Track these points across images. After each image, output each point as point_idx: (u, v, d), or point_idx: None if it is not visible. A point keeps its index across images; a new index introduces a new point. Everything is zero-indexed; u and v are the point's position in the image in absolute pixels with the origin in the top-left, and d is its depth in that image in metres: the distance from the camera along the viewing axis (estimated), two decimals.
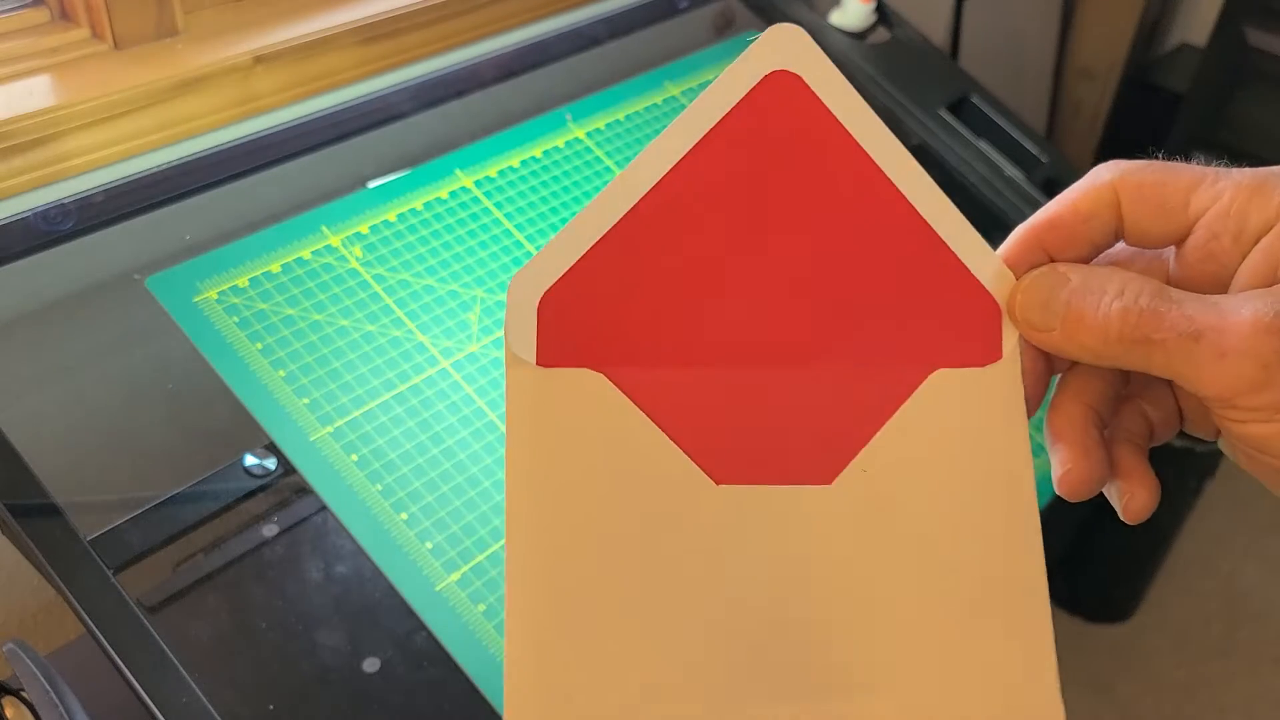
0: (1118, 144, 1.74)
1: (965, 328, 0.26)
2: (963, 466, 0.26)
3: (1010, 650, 0.26)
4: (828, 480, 0.26)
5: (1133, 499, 0.27)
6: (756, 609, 0.25)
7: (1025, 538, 0.26)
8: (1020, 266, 0.27)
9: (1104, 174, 0.26)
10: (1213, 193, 0.25)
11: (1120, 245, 0.27)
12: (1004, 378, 0.26)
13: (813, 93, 0.25)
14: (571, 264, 0.27)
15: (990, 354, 0.26)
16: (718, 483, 0.25)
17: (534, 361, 0.26)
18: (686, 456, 0.25)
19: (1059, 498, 0.28)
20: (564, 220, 0.70)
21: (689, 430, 0.26)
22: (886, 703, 0.25)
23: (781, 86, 0.25)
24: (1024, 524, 0.27)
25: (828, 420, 0.26)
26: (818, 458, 0.26)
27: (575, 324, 0.26)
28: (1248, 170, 0.25)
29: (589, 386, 0.26)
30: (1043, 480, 0.76)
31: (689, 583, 0.25)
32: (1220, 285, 0.25)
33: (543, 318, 0.26)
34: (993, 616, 0.26)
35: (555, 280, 0.27)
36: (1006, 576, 0.26)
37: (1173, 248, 0.26)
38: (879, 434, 0.26)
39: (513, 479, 0.25)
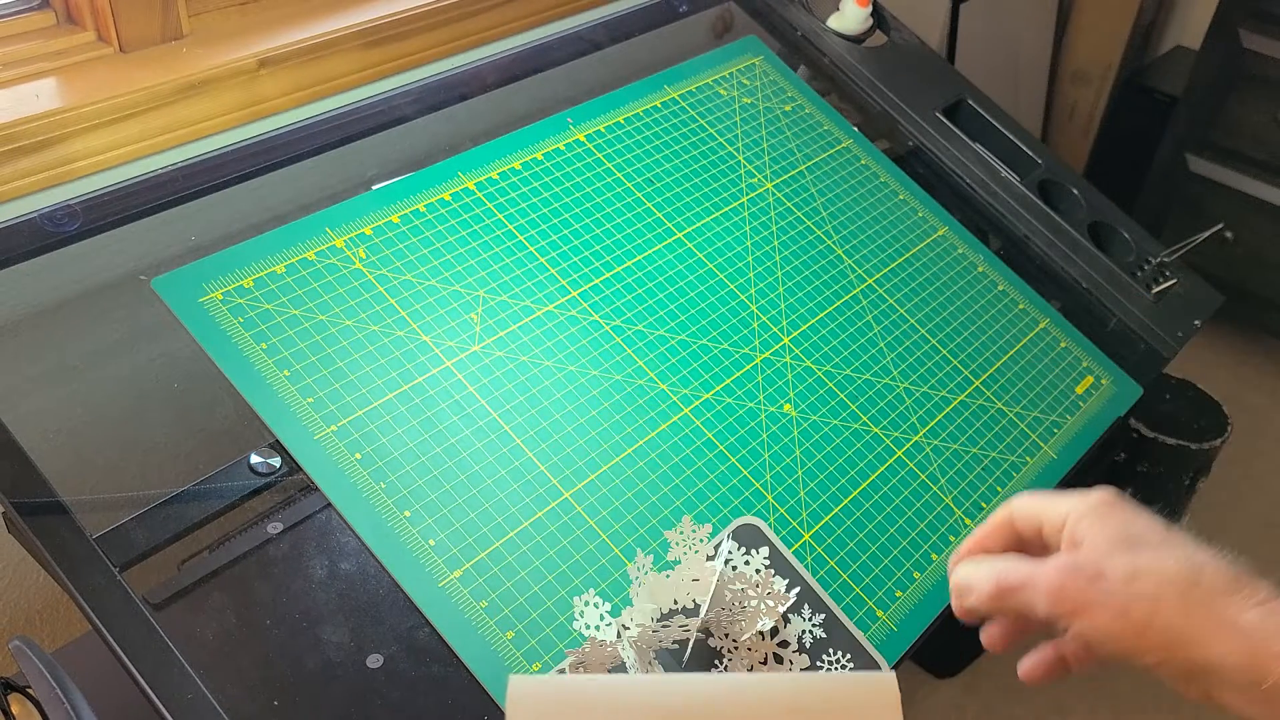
0: (1112, 146, 1.75)
1: None
2: None
3: None
4: None
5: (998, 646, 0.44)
6: None
7: None
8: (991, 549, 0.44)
9: (1000, 513, 0.44)
10: (1052, 506, 0.42)
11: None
12: None
13: None
14: None
15: None
16: None
17: None
18: None
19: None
20: (564, 221, 0.70)
21: None
22: None
23: None
24: None
25: None
26: None
27: None
28: (1076, 493, 0.41)
29: None
30: (1036, 483, 0.75)
31: None
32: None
33: None
34: None
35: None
36: None
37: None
38: None
39: None
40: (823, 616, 0.55)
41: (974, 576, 0.41)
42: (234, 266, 0.59)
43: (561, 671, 0.50)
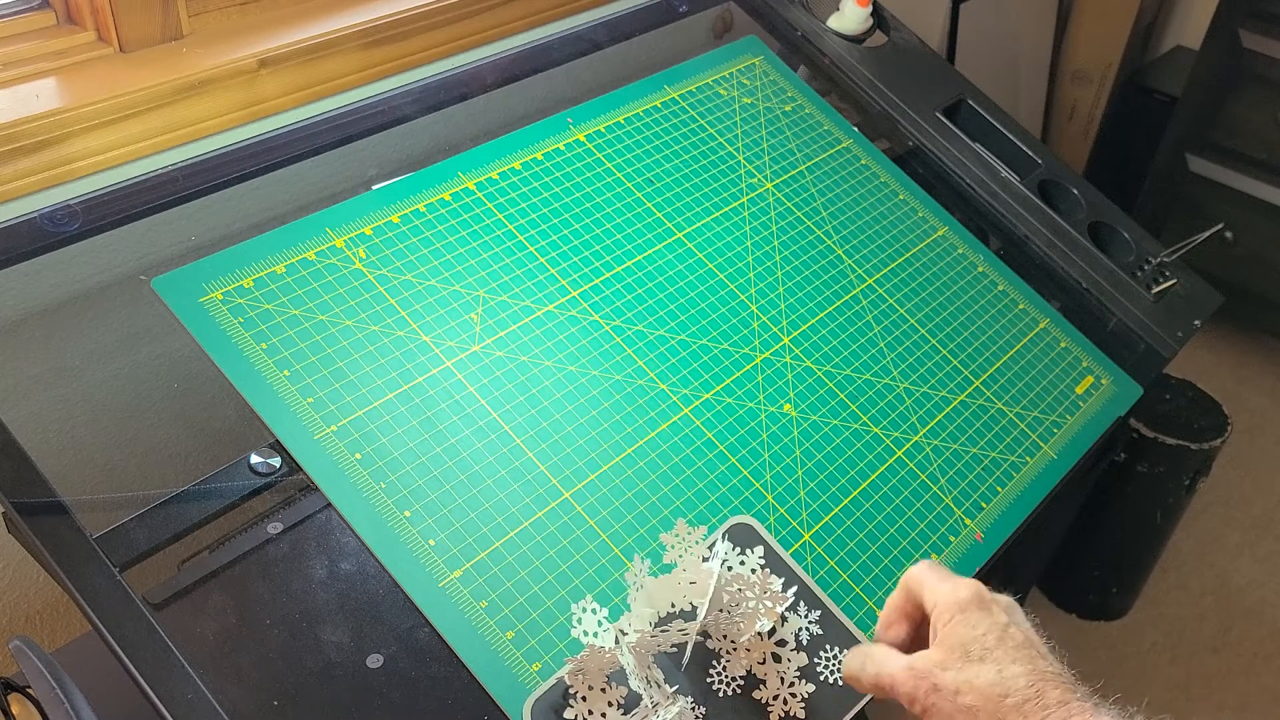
0: (1112, 146, 1.75)
1: None
2: None
3: None
4: None
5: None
6: None
7: None
8: (888, 637, 0.50)
9: (904, 578, 0.49)
10: (928, 592, 0.48)
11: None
12: None
13: None
14: None
15: None
16: None
17: None
18: None
19: (1056, 498, 0.32)
20: (564, 221, 0.70)
21: None
22: None
23: None
24: None
25: None
26: None
27: None
28: (946, 580, 0.48)
29: None
30: (1036, 483, 0.75)
31: None
32: None
33: None
34: None
35: None
36: None
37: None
38: None
39: None
40: (819, 613, 0.55)
41: (856, 671, 0.48)
42: (234, 266, 0.59)
43: (560, 680, 0.50)
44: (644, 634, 0.50)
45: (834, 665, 0.53)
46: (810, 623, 0.54)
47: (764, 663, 0.53)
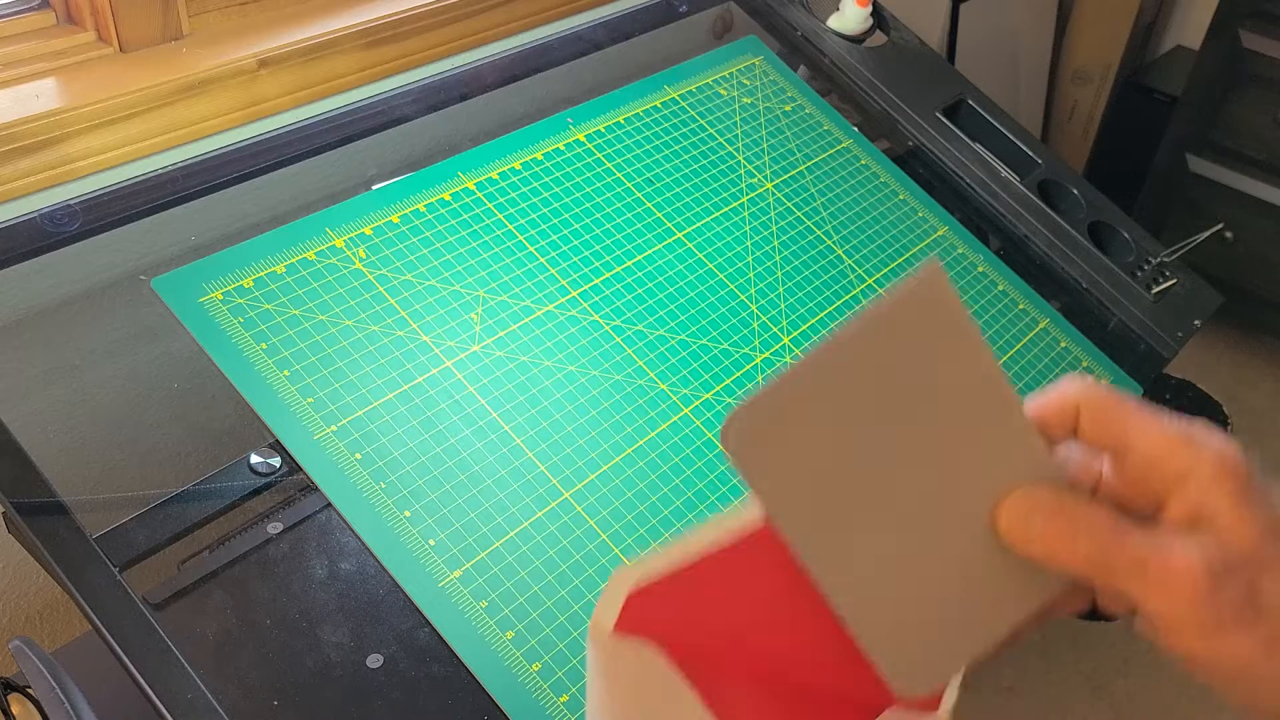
0: (1112, 146, 1.75)
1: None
2: None
3: None
4: None
5: None
6: None
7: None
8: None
9: (1071, 393, 0.32)
10: (1149, 434, 0.31)
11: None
12: None
13: None
14: (673, 568, 0.31)
15: (930, 705, 0.31)
16: None
17: (612, 628, 0.30)
18: None
19: None
20: (564, 221, 0.70)
21: (725, 708, 0.31)
22: None
23: None
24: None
25: None
26: None
27: (652, 611, 0.30)
28: (1180, 422, 0.31)
29: (650, 656, 0.31)
30: None
31: None
32: (1149, 505, 0.31)
33: (629, 601, 0.30)
34: None
35: (650, 580, 0.31)
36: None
37: (1108, 459, 0.33)
38: None
39: (590, 713, 0.31)
40: None
41: (1048, 523, 0.29)
42: (234, 266, 0.59)
43: None
44: None
45: None
46: None
47: None
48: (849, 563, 0.29)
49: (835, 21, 0.93)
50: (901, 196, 0.83)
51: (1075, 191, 0.89)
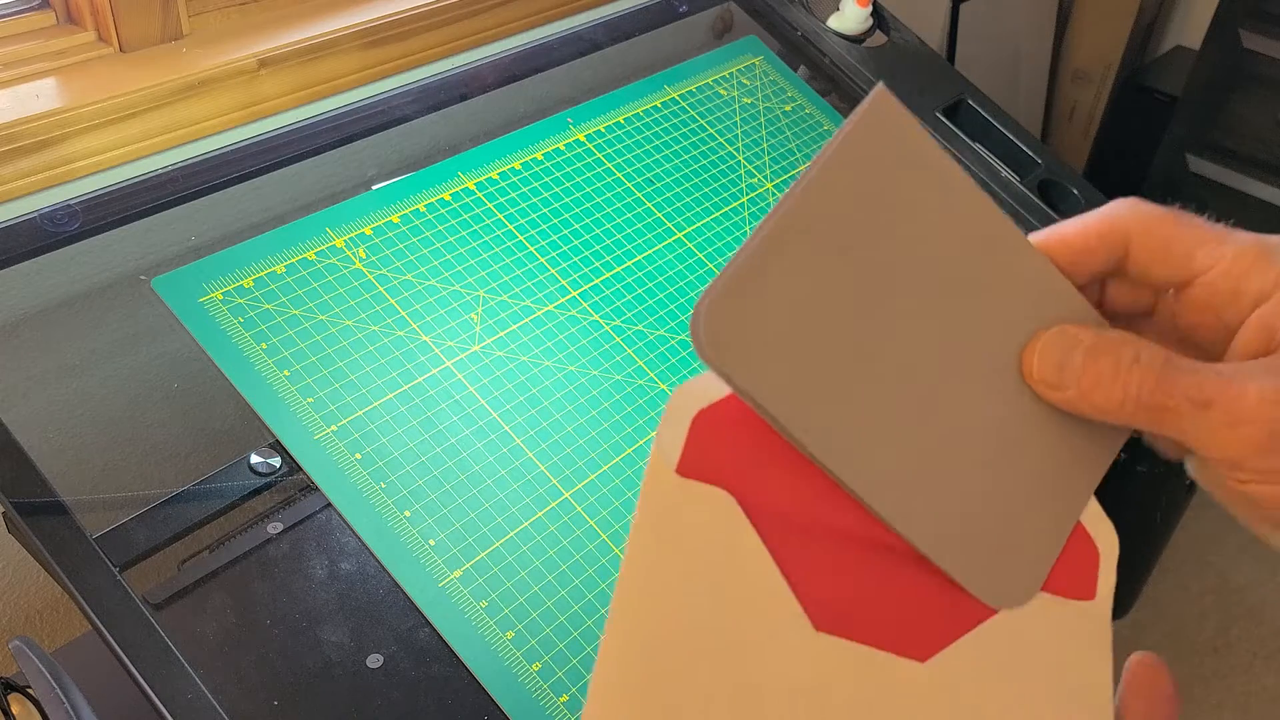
0: (1112, 146, 1.75)
1: (1066, 560, 0.28)
2: (1044, 687, 0.27)
3: None
4: (921, 658, 0.26)
5: None
6: None
7: None
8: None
9: (1120, 214, 0.27)
10: (1217, 253, 0.26)
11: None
12: (1095, 616, 0.28)
13: None
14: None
15: (1084, 592, 0.28)
16: (817, 629, 0.26)
17: (675, 468, 0.26)
18: (794, 595, 0.26)
19: None
20: (564, 221, 0.70)
21: (802, 573, 0.26)
22: None
23: None
24: None
25: (935, 604, 0.27)
26: (917, 635, 0.27)
27: (723, 445, 0.26)
28: (1252, 237, 0.27)
29: (718, 504, 0.26)
30: None
31: (763, 713, 0.25)
32: (1217, 338, 0.27)
33: (694, 431, 0.26)
34: None
35: (716, 400, 0.26)
36: None
37: (1172, 291, 0.28)
38: (976, 631, 0.27)
39: (627, 570, 0.26)
40: None
41: (1089, 363, 0.25)
42: (234, 266, 0.59)
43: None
44: None
45: None
46: None
47: None
48: (883, 464, 0.25)
49: (835, 21, 0.93)
50: None
51: (1075, 192, 0.89)
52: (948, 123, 0.90)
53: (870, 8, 0.92)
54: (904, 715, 0.26)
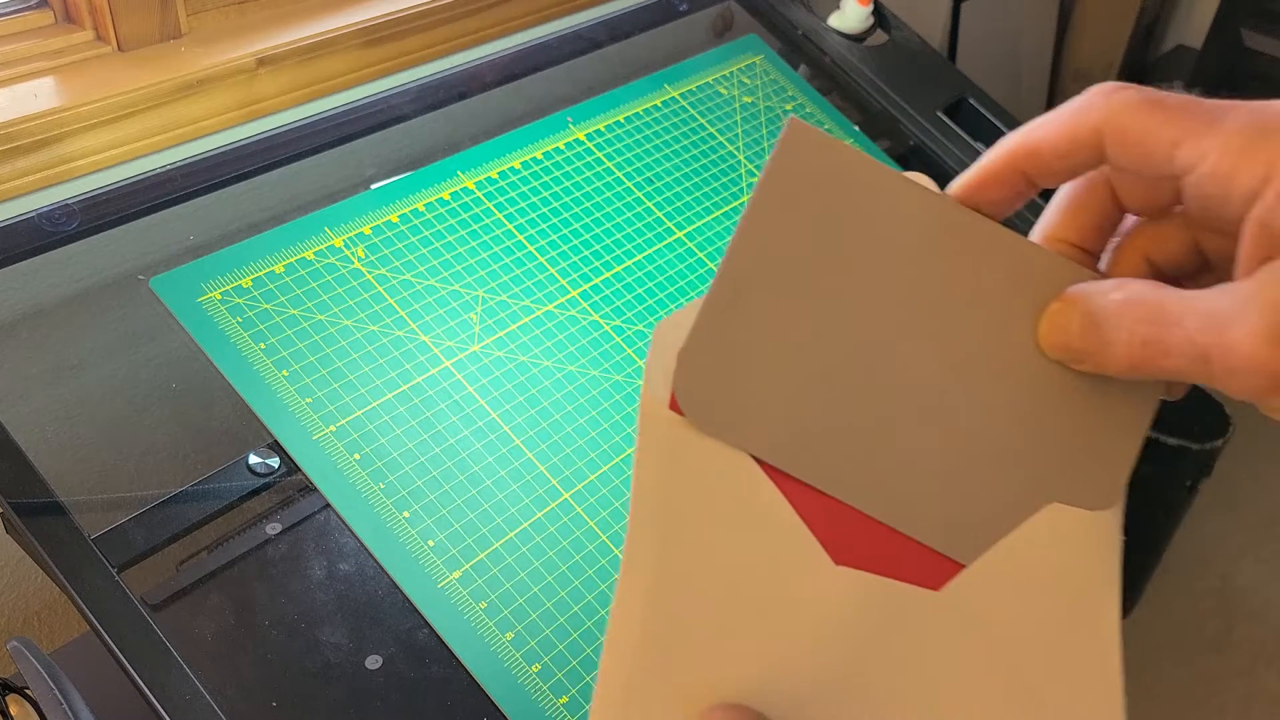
0: None
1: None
2: (1055, 599, 0.28)
3: None
4: (936, 586, 0.27)
5: None
6: (843, 688, 0.26)
7: (1105, 677, 0.29)
8: (994, 188, 0.27)
9: (1092, 107, 0.25)
10: (1200, 149, 0.23)
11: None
12: (1108, 524, 0.29)
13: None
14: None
15: (1103, 501, 0.28)
16: (836, 563, 0.26)
17: (668, 405, 0.25)
18: (810, 531, 0.26)
19: None
20: (564, 221, 0.70)
21: (817, 508, 0.26)
22: None
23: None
24: (1105, 663, 0.29)
25: None
26: (932, 563, 0.27)
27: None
28: (1239, 118, 0.24)
29: (718, 444, 0.26)
30: None
31: (785, 648, 0.26)
32: (1227, 241, 0.24)
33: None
34: None
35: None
36: (1086, 711, 0.28)
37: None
38: (989, 552, 0.27)
39: (637, 514, 0.26)
40: None
41: (1093, 323, 0.24)
42: (232, 266, 0.59)
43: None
44: None
45: None
46: None
47: None
48: (898, 483, 0.25)
49: (836, 20, 0.92)
50: None
51: None
52: (949, 122, 0.89)
53: (871, 6, 0.92)
54: (918, 642, 0.26)
